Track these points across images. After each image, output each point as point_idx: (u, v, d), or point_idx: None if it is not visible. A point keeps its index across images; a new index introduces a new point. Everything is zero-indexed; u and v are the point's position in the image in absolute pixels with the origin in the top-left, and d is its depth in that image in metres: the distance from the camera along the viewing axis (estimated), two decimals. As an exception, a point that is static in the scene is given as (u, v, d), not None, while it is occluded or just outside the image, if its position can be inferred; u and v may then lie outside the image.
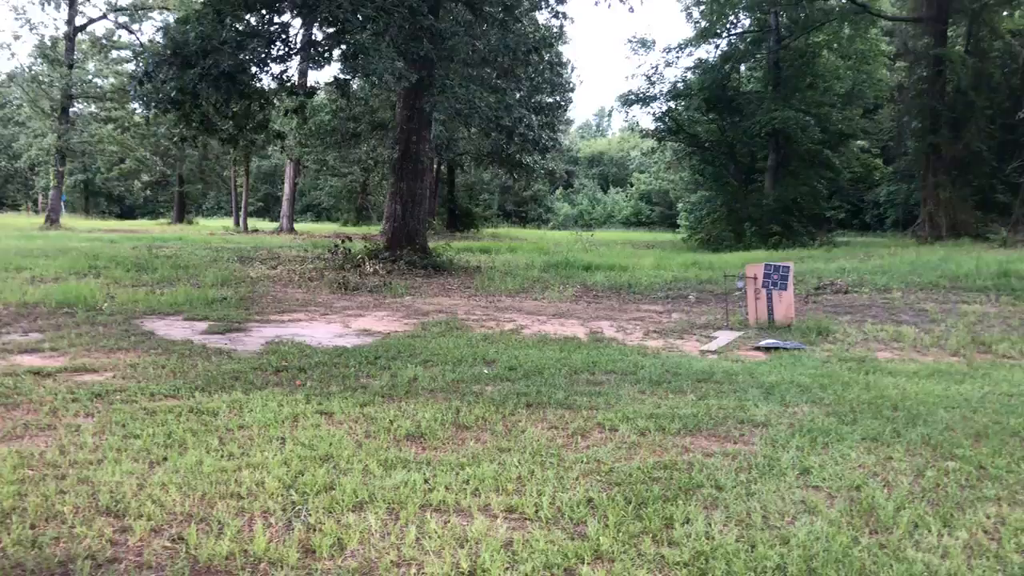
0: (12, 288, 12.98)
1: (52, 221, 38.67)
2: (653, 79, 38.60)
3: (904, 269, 17.54)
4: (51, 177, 42.30)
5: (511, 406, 6.32)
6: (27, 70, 44.73)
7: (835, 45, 35.77)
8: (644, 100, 38.64)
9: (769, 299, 11.53)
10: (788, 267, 11.65)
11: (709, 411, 6.22)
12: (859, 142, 39.47)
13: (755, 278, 11.63)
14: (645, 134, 41.18)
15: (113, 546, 3.61)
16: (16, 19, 44.71)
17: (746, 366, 8.43)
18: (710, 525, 3.93)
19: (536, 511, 4.10)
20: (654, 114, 38.92)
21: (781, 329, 11.10)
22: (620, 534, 3.82)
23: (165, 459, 4.79)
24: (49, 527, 3.76)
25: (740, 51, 37.68)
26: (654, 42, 44.10)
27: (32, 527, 3.75)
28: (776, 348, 9.72)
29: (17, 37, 71.55)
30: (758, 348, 9.84)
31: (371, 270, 18.23)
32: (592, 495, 4.33)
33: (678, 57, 39.25)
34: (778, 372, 7.99)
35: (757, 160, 38.20)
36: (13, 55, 66.51)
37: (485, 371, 7.79)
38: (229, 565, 3.44)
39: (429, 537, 3.75)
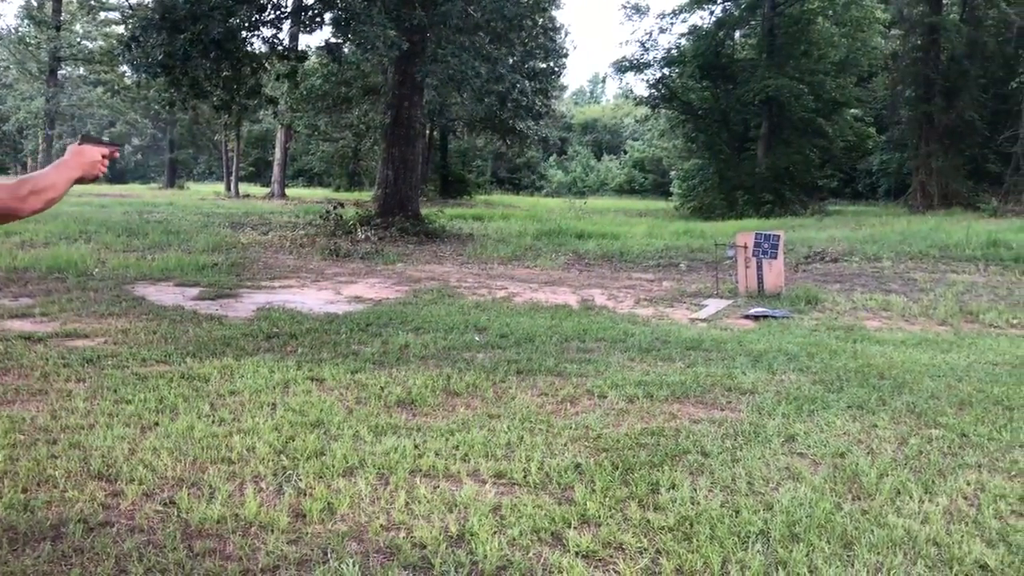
0: (1, 253, 12.93)
1: (41, 185, 38.27)
2: (647, 45, 38.40)
3: (895, 238, 17.60)
4: (40, 140, 41.94)
5: (502, 373, 6.36)
6: (13, 32, 44.18)
7: (830, 12, 35.49)
8: (638, 67, 38.42)
9: (759, 268, 11.58)
10: (779, 236, 11.68)
11: (697, 378, 6.28)
12: (853, 110, 39.28)
13: (745, 247, 11.67)
14: (639, 101, 40.96)
15: (105, 510, 3.64)
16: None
17: (735, 334, 8.49)
18: (695, 491, 3.99)
19: (525, 476, 4.15)
20: (648, 81, 38.76)
21: (770, 298, 11.16)
22: (607, 499, 3.87)
23: (157, 424, 4.83)
24: (41, 491, 3.80)
25: (734, 17, 37.40)
26: (648, 7, 43.86)
27: (24, 491, 3.78)
28: (765, 316, 9.78)
29: (3, -2, 70.54)
30: (747, 316, 9.90)
31: (363, 236, 18.20)
32: (580, 461, 4.39)
33: (672, 23, 39.13)
34: (766, 340, 8.06)
35: (750, 128, 38.08)
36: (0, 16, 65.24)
37: (476, 338, 7.83)
38: (220, 529, 3.49)
39: (418, 502, 3.80)
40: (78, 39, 46.87)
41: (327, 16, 18.25)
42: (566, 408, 5.47)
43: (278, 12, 18.12)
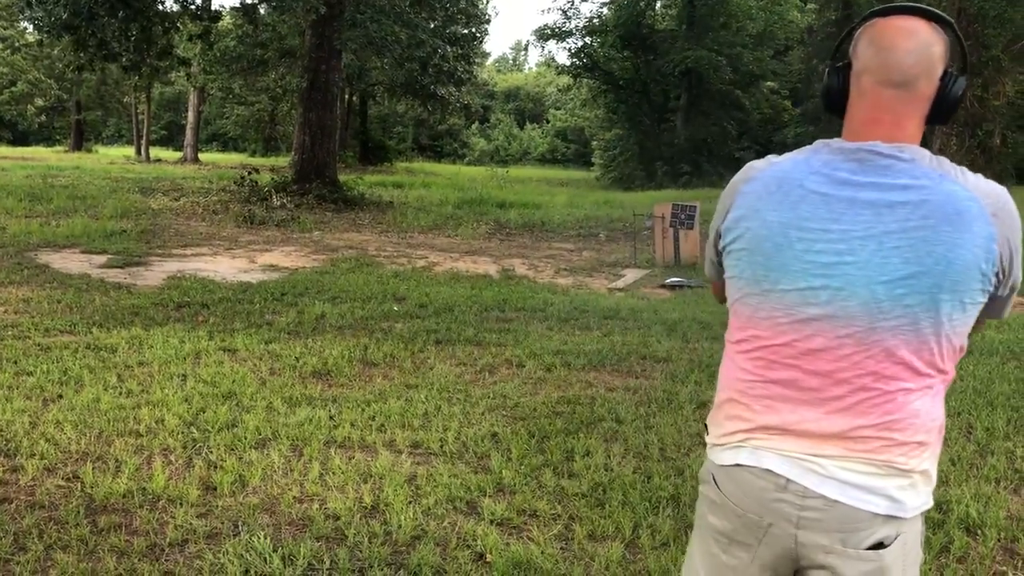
0: None
1: (-64, 147, 36.45)
2: (569, 13, 38.45)
3: (806, 210, 18.07)
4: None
5: (420, 343, 6.34)
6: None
7: (748, -15, 36.05)
8: (560, 35, 38.39)
9: (676, 238, 11.76)
10: (695, 207, 11.87)
11: (613, 347, 6.37)
12: (769, 83, 40.05)
13: (663, 217, 11.83)
14: (561, 70, 40.95)
15: (3, 486, 3.52)
16: None
17: (651, 303, 8.62)
18: (609, 457, 4.05)
19: (441, 446, 4.15)
20: (570, 50, 38.84)
21: (686, 267, 11.36)
22: (522, 467, 3.90)
23: (60, 396, 4.67)
24: (-66, 468, 3.64)
25: (656, -13, 37.65)
26: (571, -25, 43.74)
27: (-84, 468, 3.63)
28: (680, 286, 9.95)
29: None
30: (663, 286, 10.07)
31: (279, 203, 17.81)
32: (497, 430, 4.41)
33: (595, -8, 39.12)
34: (681, 309, 8.21)
35: (670, 99, 38.48)
36: None
37: (395, 308, 7.77)
38: (126, 503, 3.40)
39: (333, 473, 3.77)
40: (-27, -8, 44.40)
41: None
42: (484, 377, 5.49)
43: (190, -31, 17.47)
